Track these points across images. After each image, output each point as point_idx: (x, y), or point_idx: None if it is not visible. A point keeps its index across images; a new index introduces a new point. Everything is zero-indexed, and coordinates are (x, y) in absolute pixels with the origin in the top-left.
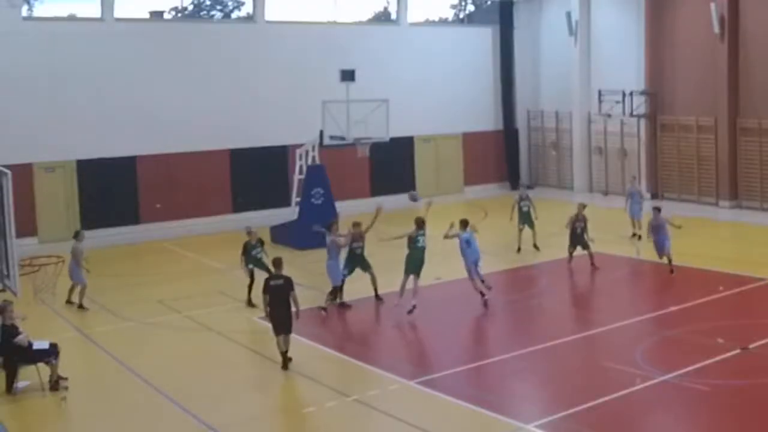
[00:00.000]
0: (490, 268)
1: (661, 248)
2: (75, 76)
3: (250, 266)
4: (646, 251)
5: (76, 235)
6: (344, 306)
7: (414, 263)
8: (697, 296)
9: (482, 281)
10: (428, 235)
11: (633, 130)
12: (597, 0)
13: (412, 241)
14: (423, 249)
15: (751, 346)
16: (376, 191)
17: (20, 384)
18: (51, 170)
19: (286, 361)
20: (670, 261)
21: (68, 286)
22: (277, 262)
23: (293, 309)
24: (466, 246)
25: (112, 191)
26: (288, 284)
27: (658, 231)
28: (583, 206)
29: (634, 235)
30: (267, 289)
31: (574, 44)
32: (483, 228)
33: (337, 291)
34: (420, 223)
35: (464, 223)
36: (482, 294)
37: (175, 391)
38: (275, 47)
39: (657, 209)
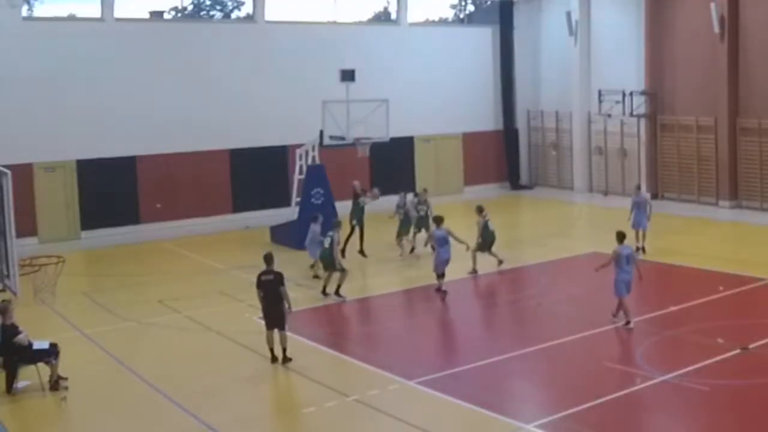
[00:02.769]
0: (491, 268)
1: (637, 224)
2: (75, 76)
3: (354, 222)
4: (646, 252)
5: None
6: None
7: None
8: (697, 296)
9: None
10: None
11: (633, 130)
12: (597, 0)
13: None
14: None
15: (751, 346)
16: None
17: (20, 384)
18: (51, 170)
19: (274, 356)
20: (644, 238)
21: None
22: (268, 258)
23: (286, 305)
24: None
25: (112, 191)
26: (278, 279)
27: (638, 207)
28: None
29: (637, 249)
30: (259, 284)
31: (574, 44)
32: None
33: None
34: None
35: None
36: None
37: (175, 391)
38: (275, 47)
39: (638, 187)
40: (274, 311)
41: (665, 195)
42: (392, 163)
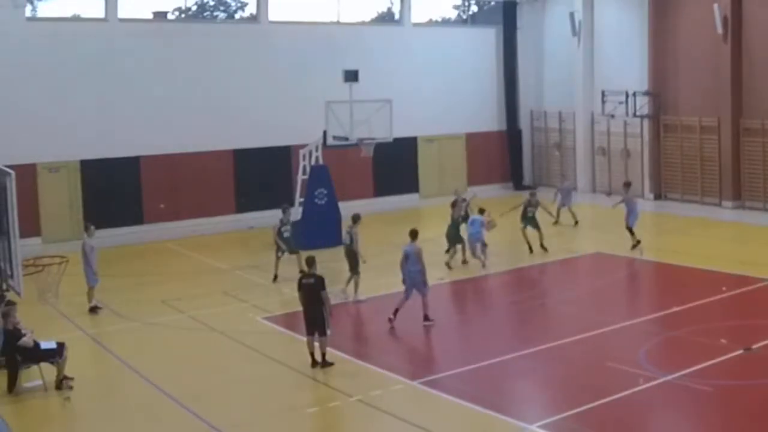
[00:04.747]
0: (493, 268)
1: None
2: (79, 77)
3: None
4: (650, 252)
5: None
6: None
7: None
8: (701, 296)
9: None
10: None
11: (636, 130)
12: (600, 0)
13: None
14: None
15: (754, 346)
16: (379, 191)
17: (29, 384)
18: (55, 170)
19: (314, 361)
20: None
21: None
22: (310, 261)
23: (326, 309)
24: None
25: (115, 191)
26: (319, 283)
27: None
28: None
29: (638, 242)
30: (300, 287)
31: (577, 45)
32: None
33: None
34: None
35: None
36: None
37: (178, 391)
38: (278, 48)
39: (627, 184)
40: (314, 316)
41: (668, 195)
42: (395, 164)
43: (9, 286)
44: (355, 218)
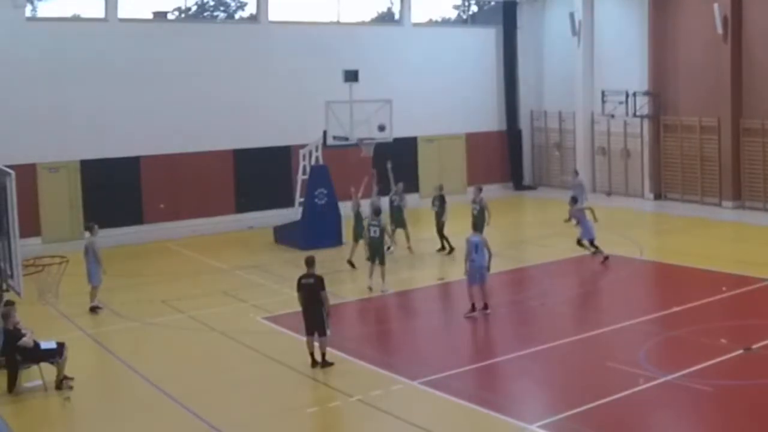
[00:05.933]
0: (493, 268)
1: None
2: (78, 77)
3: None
4: (650, 252)
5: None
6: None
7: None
8: (701, 296)
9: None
10: None
11: (636, 130)
12: (600, 0)
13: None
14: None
15: (754, 346)
16: (379, 191)
17: (29, 384)
18: (55, 170)
19: (314, 361)
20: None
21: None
22: (309, 261)
23: (325, 309)
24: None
25: (115, 191)
26: (318, 283)
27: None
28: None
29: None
30: (299, 287)
31: (577, 45)
32: (486, 229)
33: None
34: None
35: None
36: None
37: (179, 391)
38: (278, 48)
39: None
40: (314, 316)
41: (668, 195)
42: (395, 164)
43: (9, 286)
44: (377, 211)
